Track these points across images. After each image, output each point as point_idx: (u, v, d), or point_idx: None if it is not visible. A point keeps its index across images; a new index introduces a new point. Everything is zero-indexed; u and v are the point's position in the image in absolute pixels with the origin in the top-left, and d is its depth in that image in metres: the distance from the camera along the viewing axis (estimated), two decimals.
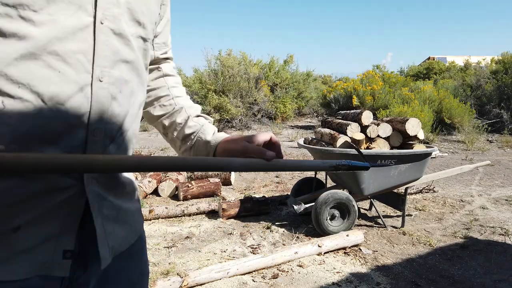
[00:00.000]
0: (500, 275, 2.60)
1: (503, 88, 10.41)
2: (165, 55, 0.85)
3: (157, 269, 2.60)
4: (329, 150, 3.27)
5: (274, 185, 4.95)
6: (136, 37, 0.65)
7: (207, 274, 2.38)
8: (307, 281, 2.48)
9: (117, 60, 0.60)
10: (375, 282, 2.48)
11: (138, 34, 0.65)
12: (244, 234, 3.25)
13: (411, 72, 20.24)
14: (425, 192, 4.62)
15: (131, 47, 0.63)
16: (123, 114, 0.62)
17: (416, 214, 3.87)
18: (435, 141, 8.26)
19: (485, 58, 15.38)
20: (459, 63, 18.72)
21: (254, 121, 10.78)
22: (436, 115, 8.93)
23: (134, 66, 0.65)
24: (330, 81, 20.12)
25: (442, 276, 2.59)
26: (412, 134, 3.45)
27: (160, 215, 3.58)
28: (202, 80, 10.82)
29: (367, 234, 3.29)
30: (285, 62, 12.74)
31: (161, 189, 4.33)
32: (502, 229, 3.43)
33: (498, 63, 11.68)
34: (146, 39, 0.68)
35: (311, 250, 2.80)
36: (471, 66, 16.09)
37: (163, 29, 0.81)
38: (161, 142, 8.57)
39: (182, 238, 3.17)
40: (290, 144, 8.40)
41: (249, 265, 2.53)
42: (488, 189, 4.85)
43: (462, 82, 12.38)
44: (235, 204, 3.64)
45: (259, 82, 11.16)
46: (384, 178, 3.24)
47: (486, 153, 7.37)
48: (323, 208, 3.11)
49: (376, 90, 9.92)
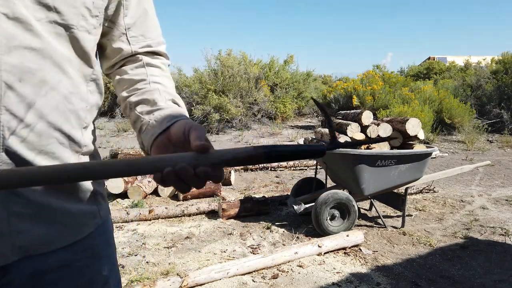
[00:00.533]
0: (500, 275, 2.60)
1: (503, 88, 10.40)
2: (147, 49, 0.79)
3: (157, 269, 2.60)
4: None
5: (274, 185, 4.95)
6: (47, 22, 0.59)
7: (207, 274, 2.38)
8: (307, 281, 2.47)
9: (14, 46, 0.55)
10: (375, 282, 2.48)
11: (50, 19, 0.59)
12: (244, 234, 3.25)
13: (411, 72, 20.23)
14: (425, 192, 4.61)
15: (35, 33, 0.57)
16: (25, 105, 0.56)
17: (416, 214, 3.87)
18: (435, 141, 8.26)
19: (485, 58, 15.38)
20: (459, 63, 18.72)
21: (254, 121, 10.77)
22: (436, 115, 8.92)
23: (45, 54, 0.59)
24: (330, 81, 20.11)
25: (442, 276, 2.59)
26: (412, 134, 3.45)
27: (160, 215, 3.57)
28: (202, 80, 10.81)
29: (367, 234, 3.29)
30: (285, 62, 12.73)
31: (161, 189, 4.33)
32: (502, 229, 3.43)
33: (498, 63, 11.67)
34: (68, 26, 0.61)
35: (311, 250, 2.80)
36: (471, 66, 16.09)
37: (136, 21, 0.76)
38: None
39: (182, 238, 3.17)
40: (290, 144, 8.40)
41: (249, 265, 2.53)
42: (488, 189, 4.84)
43: (462, 82, 12.37)
44: (235, 204, 3.64)
45: (259, 82, 11.16)
46: (384, 178, 3.24)
47: (486, 153, 7.36)
48: (323, 208, 3.11)
49: (376, 90, 9.91)
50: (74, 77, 0.65)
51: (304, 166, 5.98)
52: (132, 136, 9.24)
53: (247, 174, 5.57)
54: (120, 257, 2.78)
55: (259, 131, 9.99)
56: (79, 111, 0.66)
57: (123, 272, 2.55)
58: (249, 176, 5.44)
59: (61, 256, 0.66)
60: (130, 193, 4.13)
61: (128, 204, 3.96)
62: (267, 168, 5.80)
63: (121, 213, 3.46)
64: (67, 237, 0.67)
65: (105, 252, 0.76)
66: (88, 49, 0.67)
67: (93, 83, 0.71)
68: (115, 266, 0.81)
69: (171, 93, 0.76)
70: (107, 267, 0.76)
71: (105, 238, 0.77)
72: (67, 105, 0.63)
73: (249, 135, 9.52)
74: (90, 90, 0.70)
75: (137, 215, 3.50)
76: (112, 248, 0.81)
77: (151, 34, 0.80)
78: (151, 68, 0.79)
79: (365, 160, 3.13)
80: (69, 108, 0.63)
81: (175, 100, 0.75)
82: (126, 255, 2.82)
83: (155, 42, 0.81)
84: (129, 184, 4.18)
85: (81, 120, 0.67)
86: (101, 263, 0.74)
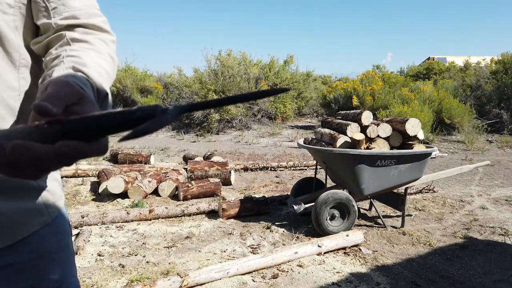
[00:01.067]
0: (500, 275, 2.60)
1: (503, 88, 10.41)
2: (72, 21, 0.66)
3: (157, 269, 2.60)
4: (329, 150, 3.28)
5: (274, 185, 4.96)
6: None
7: (207, 274, 2.38)
8: (307, 281, 2.48)
9: None
10: (375, 282, 2.49)
11: None
12: (244, 234, 3.26)
13: (411, 72, 20.24)
14: (425, 192, 4.62)
15: None
16: None
17: (416, 214, 3.87)
18: (435, 141, 8.27)
19: (485, 58, 15.38)
20: (459, 63, 18.71)
21: (254, 121, 10.77)
22: (436, 115, 8.93)
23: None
24: (330, 81, 20.11)
25: (442, 276, 2.60)
26: (412, 134, 3.45)
27: (160, 215, 3.58)
28: (202, 80, 10.81)
29: (367, 234, 3.29)
30: (285, 62, 12.74)
31: (161, 189, 4.33)
32: (502, 229, 3.44)
33: (498, 63, 11.67)
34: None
35: (311, 250, 2.81)
36: (471, 66, 16.09)
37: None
38: (161, 142, 8.58)
39: (182, 238, 3.17)
40: (290, 144, 8.41)
41: (249, 265, 2.53)
42: (488, 189, 4.85)
43: (462, 82, 12.38)
44: (235, 204, 3.65)
45: (259, 82, 11.17)
46: (384, 178, 3.24)
47: (486, 153, 7.37)
48: (323, 208, 3.11)
49: (376, 90, 9.92)
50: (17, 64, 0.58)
51: (304, 166, 5.99)
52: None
53: (247, 174, 5.57)
54: (120, 257, 2.78)
55: (259, 131, 10.00)
56: (8, 100, 0.60)
57: (123, 272, 2.56)
58: (249, 176, 5.45)
59: (1, 256, 0.61)
60: (130, 193, 4.14)
61: (128, 204, 3.96)
62: (267, 168, 5.81)
63: (121, 213, 3.47)
64: (4, 237, 0.61)
65: (57, 255, 0.70)
66: (6, 32, 0.59)
67: (25, 68, 0.64)
68: (72, 273, 0.75)
69: (79, 62, 0.57)
70: (60, 271, 0.70)
71: (56, 240, 0.70)
72: (4, 94, 0.57)
73: (249, 135, 9.52)
74: (24, 77, 0.63)
75: (137, 215, 3.50)
76: (67, 253, 0.74)
77: (76, 3, 0.67)
78: (77, 43, 0.64)
79: (365, 160, 3.14)
80: (7, 97, 0.57)
81: (77, 68, 0.56)
82: (126, 255, 2.82)
83: (82, 13, 0.67)
84: (130, 184, 4.19)
85: (13, 110, 0.61)
86: (51, 266, 0.68)
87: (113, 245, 2.99)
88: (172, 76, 13.04)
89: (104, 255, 2.80)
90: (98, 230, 3.27)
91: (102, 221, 3.37)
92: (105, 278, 2.45)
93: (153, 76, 14.34)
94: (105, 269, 2.58)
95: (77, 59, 0.58)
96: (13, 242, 0.62)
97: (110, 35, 0.71)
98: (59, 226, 0.72)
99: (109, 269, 2.59)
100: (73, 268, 0.76)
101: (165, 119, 0.38)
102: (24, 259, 0.64)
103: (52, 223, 0.69)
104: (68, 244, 0.75)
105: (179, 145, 8.17)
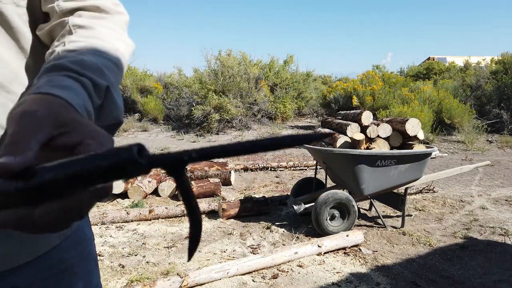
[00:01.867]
0: (500, 275, 2.60)
1: (503, 88, 10.41)
2: (77, 3, 0.58)
3: (157, 269, 2.60)
4: (329, 150, 3.28)
5: (274, 185, 4.95)
6: None
7: (207, 274, 2.38)
8: (307, 281, 2.48)
9: None
10: (375, 282, 2.48)
11: None
12: (244, 234, 3.26)
13: (411, 72, 20.24)
14: (425, 192, 4.62)
15: None
16: None
17: (416, 214, 3.87)
18: (435, 141, 8.27)
19: (485, 58, 15.38)
20: (459, 64, 18.72)
21: (254, 121, 10.77)
22: (436, 115, 8.93)
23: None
24: (330, 81, 20.11)
25: (442, 276, 2.60)
26: (412, 134, 3.45)
27: (160, 215, 3.58)
28: (202, 80, 10.81)
29: (367, 234, 3.29)
30: (285, 62, 12.74)
31: (161, 189, 4.33)
32: (502, 229, 3.44)
33: (498, 63, 11.67)
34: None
35: (311, 250, 2.81)
36: (471, 66, 16.09)
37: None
38: (161, 142, 8.58)
39: (182, 238, 3.17)
40: None
41: (249, 265, 2.53)
42: (488, 189, 4.85)
43: (462, 82, 12.37)
44: (235, 204, 3.65)
45: (259, 82, 11.16)
46: (384, 178, 3.24)
47: (486, 153, 7.37)
48: (323, 208, 3.11)
49: (376, 90, 9.92)
50: (11, 61, 0.54)
51: (304, 166, 5.99)
52: (132, 136, 9.25)
53: (247, 174, 5.57)
54: (120, 257, 2.78)
55: (259, 131, 10.00)
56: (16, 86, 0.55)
57: (123, 272, 2.56)
58: (249, 176, 5.45)
59: (19, 276, 0.57)
60: (130, 193, 4.14)
61: (128, 204, 3.96)
62: (267, 168, 5.80)
63: (121, 213, 3.47)
64: (24, 253, 0.57)
65: (79, 268, 0.66)
66: (20, 27, 0.55)
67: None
68: (92, 281, 0.70)
69: (75, 59, 0.48)
70: (82, 284, 0.66)
71: (79, 250, 0.66)
72: (6, 95, 0.53)
73: (249, 135, 9.52)
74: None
75: (137, 215, 3.50)
76: (91, 263, 0.70)
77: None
78: (80, 31, 0.55)
79: (365, 160, 3.14)
80: (10, 99, 0.53)
81: (72, 68, 0.47)
82: (126, 255, 2.82)
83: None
84: (129, 184, 4.19)
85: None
86: (73, 282, 0.64)
87: (113, 245, 2.99)
88: (172, 76, 13.03)
89: (104, 255, 2.80)
90: (98, 230, 3.27)
91: (102, 221, 3.37)
92: (105, 278, 2.45)
93: (153, 76, 14.33)
94: (105, 269, 2.58)
95: (74, 55, 0.49)
96: (35, 257, 0.59)
97: (122, 16, 0.63)
98: (81, 235, 0.68)
99: (109, 269, 2.59)
100: (94, 275, 0.71)
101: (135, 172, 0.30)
102: (45, 276, 0.60)
103: (73, 234, 0.66)
104: (90, 252, 0.71)
105: (179, 145, 8.17)
